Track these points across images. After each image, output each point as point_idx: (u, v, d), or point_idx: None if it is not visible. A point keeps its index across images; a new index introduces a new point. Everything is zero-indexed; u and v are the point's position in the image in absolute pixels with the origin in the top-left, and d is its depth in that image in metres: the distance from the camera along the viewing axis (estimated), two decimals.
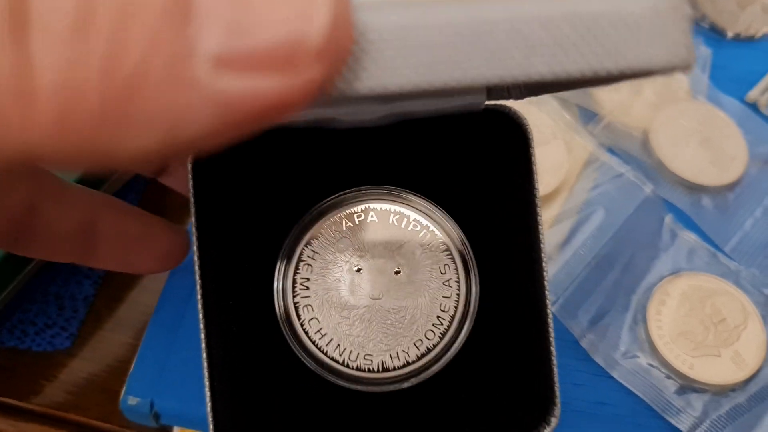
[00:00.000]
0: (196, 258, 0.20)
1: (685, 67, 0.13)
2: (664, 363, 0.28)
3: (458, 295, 0.21)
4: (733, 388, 0.28)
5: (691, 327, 0.29)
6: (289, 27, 0.10)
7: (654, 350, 0.29)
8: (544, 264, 0.21)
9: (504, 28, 0.12)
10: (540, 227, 0.21)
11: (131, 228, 0.24)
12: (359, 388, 0.21)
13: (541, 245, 0.21)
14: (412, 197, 0.21)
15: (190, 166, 0.21)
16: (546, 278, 0.21)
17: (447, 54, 0.12)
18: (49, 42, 0.10)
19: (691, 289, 0.30)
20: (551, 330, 0.21)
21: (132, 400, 0.27)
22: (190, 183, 0.20)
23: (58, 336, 0.31)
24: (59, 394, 0.30)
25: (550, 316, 0.21)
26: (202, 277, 0.20)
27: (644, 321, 0.29)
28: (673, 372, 0.28)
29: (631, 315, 0.30)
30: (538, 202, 0.21)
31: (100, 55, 0.10)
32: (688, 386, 0.28)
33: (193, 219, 0.21)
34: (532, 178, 0.21)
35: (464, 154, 0.21)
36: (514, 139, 0.21)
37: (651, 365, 0.29)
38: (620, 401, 0.28)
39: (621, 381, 0.28)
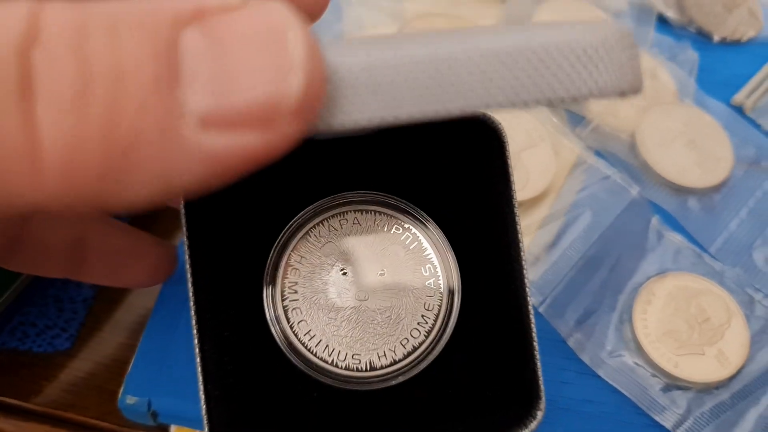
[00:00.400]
0: (188, 267, 0.21)
1: (633, 92, 0.13)
2: (650, 362, 0.29)
3: (441, 294, 0.22)
4: (717, 386, 0.29)
5: (676, 326, 0.30)
6: (267, 90, 0.11)
7: (640, 349, 0.29)
8: (523, 262, 0.22)
9: (463, 63, 0.13)
10: (518, 227, 0.22)
11: (120, 243, 0.25)
12: (348, 387, 0.21)
13: (520, 244, 0.22)
14: (393, 201, 0.22)
15: None
16: (526, 275, 0.22)
17: (411, 89, 0.12)
18: (53, 109, 0.10)
19: (677, 289, 0.31)
20: (533, 326, 0.22)
21: (130, 399, 0.27)
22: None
23: (58, 337, 0.31)
24: (59, 394, 0.30)
25: (532, 312, 0.22)
26: (194, 284, 0.21)
27: (630, 320, 0.30)
28: (658, 370, 0.29)
29: (618, 315, 0.30)
30: (515, 202, 0.22)
31: (99, 118, 0.11)
32: (673, 384, 0.29)
33: (184, 229, 0.21)
34: (509, 180, 0.22)
35: (443, 159, 0.22)
36: (490, 143, 0.22)
37: (637, 364, 0.29)
38: (606, 399, 0.28)
39: (607, 379, 0.29)
